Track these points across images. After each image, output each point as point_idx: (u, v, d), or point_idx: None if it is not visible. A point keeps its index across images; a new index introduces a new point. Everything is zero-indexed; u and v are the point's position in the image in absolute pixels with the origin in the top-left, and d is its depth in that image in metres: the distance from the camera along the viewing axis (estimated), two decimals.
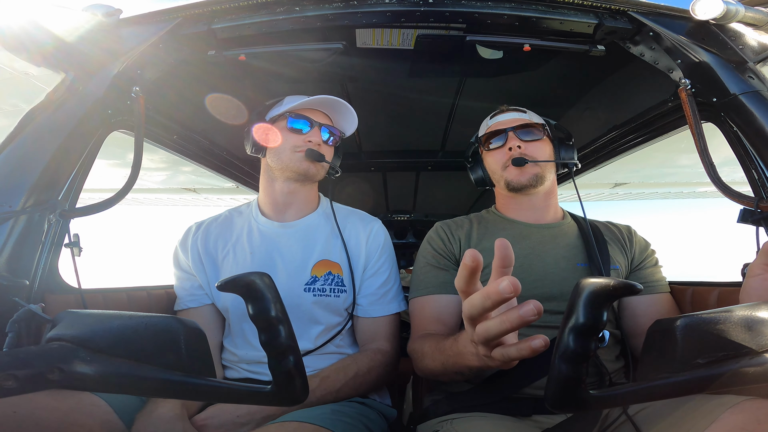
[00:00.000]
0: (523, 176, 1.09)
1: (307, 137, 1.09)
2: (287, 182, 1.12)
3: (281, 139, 1.09)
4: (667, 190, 3.32)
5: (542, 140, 1.12)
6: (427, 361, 0.90)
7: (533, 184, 1.09)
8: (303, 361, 0.46)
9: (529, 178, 1.09)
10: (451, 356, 0.77)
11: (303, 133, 1.09)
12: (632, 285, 0.41)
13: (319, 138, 1.10)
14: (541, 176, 1.10)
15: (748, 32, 0.90)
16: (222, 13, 0.99)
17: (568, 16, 0.97)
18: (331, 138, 1.14)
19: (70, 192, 0.94)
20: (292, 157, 1.08)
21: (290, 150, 1.08)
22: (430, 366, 0.88)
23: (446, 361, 0.80)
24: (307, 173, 1.09)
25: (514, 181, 1.10)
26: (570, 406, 0.43)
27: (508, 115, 1.17)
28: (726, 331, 0.45)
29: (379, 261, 1.14)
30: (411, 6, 0.96)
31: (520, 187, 1.10)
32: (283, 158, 1.09)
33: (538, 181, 1.10)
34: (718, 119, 0.97)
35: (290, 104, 1.10)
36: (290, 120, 1.09)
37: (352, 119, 1.17)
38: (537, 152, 1.10)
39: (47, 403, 0.69)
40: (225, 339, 1.12)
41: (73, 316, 0.46)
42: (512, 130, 1.11)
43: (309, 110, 1.12)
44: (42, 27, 0.87)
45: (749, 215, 0.88)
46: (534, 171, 1.09)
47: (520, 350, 0.50)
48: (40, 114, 0.89)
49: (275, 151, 1.10)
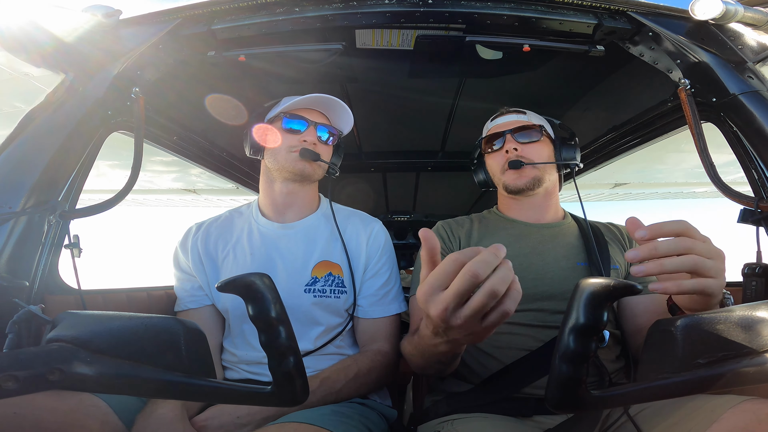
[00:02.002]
0: (520, 180, 1.10)
1: (302, 137, 1.09)
2: (285, 183, 1.12)
3: (277, 140, 1.09)
4: (666, 190, 3.33)
5: (540, 141, 1.12)
6: (411, 358, 0.89)
7: (531, 187, 1.10)
8: (303, 362, 0.46)
9: (526, 182, 1.09)
10: (426, 350, 0.76)
11: (299, 133, 1.09)
12: (632, 285, 0.41)
13: (315, 137, 1.10)
14: (539, 178, 1.10)
15: (747, 32, 0.90)
16: (222, 14, 0.99)
17: (567, 16, 0.97)
18: (331, 138, 1.14)
19: (70, 193, 0.94)
20: (288, 157, 1.08)
21: (286, 150, 1.08)
22: (415, 362, 0.87)
23: (424, 354, 0.78)
24: (303, 173, 1.09)
25: (512, 184, 1.11)
26: (570, 406, 0.43)
27: (506, 117, 1.17)
28: (726, 331, 0.45)
29: (380, 262, 1.14)
30: (410, 6, 0.96)
31: (518, 190, 1.11)
32: (279, 159, 1.09)
33: (536, 183, 1.10)
34: (717, 119, 0.97)
35: (285, 104, 1.10)
36: (285, 120, 1.09)
37: (348, 117, 1.16)
38: (534, 154, 1.10)
39: (47, 403, 0.69)
40: (225, 340, 1.12)
41: (73, 317, 0.46)
42: (510, 132, 1.12)
43: (305, 110, 1.11)
44: (42, 28, 0.87)
45: (749, 215, 0.88)
46: (532, 174, 1.09)
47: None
48: (40, 115, 0.89)
49: (272, 152, 1.10)
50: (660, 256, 0.57)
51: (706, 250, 0.58)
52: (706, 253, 0.58)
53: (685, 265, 0.57)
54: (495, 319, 0.53)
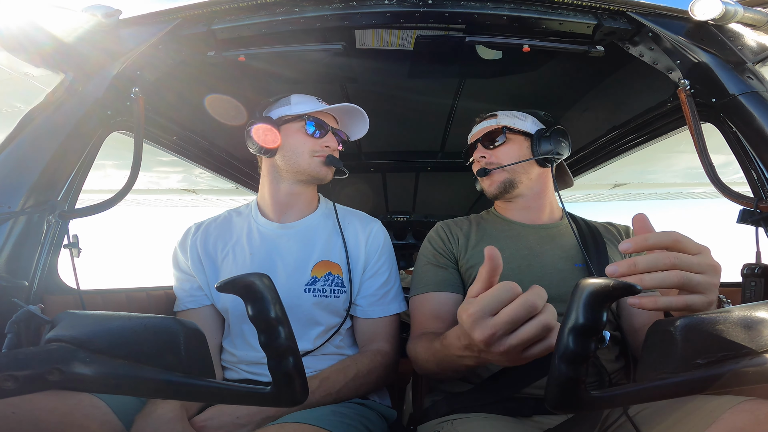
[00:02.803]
0: (492, 185, 1.13)
1: (324, 142, 1.10)
2: (295, 184, 1.12)
3: (297, 142, 1.09)
4: (666, 190, 3.33)
5: (507, 143, 1.12)
6: (422, 362, 0.90)
7: (505, 190, 1.11)
8: (303, 363, 0.46)
9: (497, 186, 1.11)
10: (445, 359, 0.77)
11: (318, 137, 1.10)
12: (631, 285, 0.41)
13: (335, 143, 1.12)
14: (511, 180, 1.11)
15: (747, 33, 0.90)
16: (222, 14, 0.99)
17: (567, 16, 0.97)
18: (340, 143, 1.16)
19: (70, 193, 0.93)
20: (311, 161, 1.09)
21: (309, 154, 1.08)
22: (426, 367, 0.89)
23: (441, 363, 0.80)
24: (324, 178, 1.11)
25: (487, 191, 1.14)
26: (570, 406, 0.43)
27: (479, 126, 1.20)
28: (726, 331, 0.45)
29: (379, 262, 1.14)
30: (410, 7, 0.96)
31: (493, 196, 1.14)
32: (300, 162, 1.09)
33: (509, 186, 1.11)
34: (717, 120, 0.97)
35: (300, 105, 1.10)
36: (309, 124, 1.09)
37: (364, 127, 1.19)
38: (503, 157, 1.11)
39: (46, 403, 0.69)
40: (224, 340, 1.12)
41: (72, 317, 0.46)
42: (479, 141, 1.15)
43: (323, 114, 1.12)
44: (41, 28, 0.87)
45: (749, 216, 0.88)
46: (501, 178, 1.11)
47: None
48: (40, 115, 0.89)
49: (290, 154, 1.09)
50: (640, 272, 0.54)
51: (697, 263, 0.54)
52: (697, 267, 0.54)
53: (668, 282, 0.54)
54: (538, 352, 0.54)
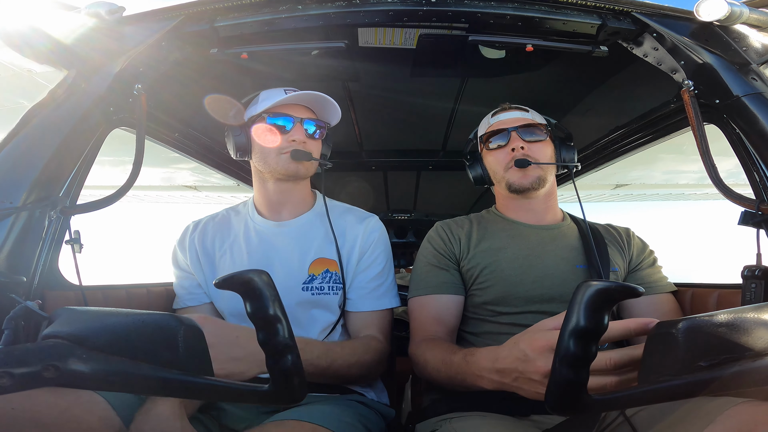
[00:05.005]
0: (525, 179, 1.07)
1: (290, 136, 1.05)
2: (278, 183, 1.10)
3: (263, 141, 1.04)
4: (668, 191, 3.32)
5: (545, 141, 1.10)
6: (430, 370, 0.90)
7: (535, 186, 1.08)
8: (301, 360, 0.46)
9: (531, 181, 1.07)
10: (461, 374, 0.79)
11: (286, 131, 1.05)
12: (633, 288, 0.41)
13: (303, 135, 1.06)
14: (543, 178, 1.09)
15: (752, 34, 0.90)
16: (224, 12, 0.99)
17: (571, 16, 0.97)
18: (318, 131, 1.10)
19: (71, 189, 0.93)
20: (278, 159, 1.05)
21: (275, 153, 1.05)
22: (434, 375, 0.88)
23: (454, 376, 0.81)
24: (297, 174, 1.06)
25: (517, 183, 1.08)
26: (571, 409, 0.43)
27: (510, 113, 1.14)
28: (728, 333, 0.44)
29: (373, 255, 1.12)
30: (413, 5, 0.95)
31: (522, 189, 1.08)
32: (269, 161, 1.06)
33: (540, 183, 1.08)
34: (720, 121, 0.96)
35: (266, 101, 1.06)
36: (269, 119, 1.04)
37: (334, 110, 1.10)
38: (540, 154, 1.08)
39: (45, 399, 0.69)
40: None
41: (69, 314, 0.46)
42: (515, 129, 1.09)
43: (289, 106, 1.07)
44: (44, 25, 0.87)
45: (750, 217, 0.88)
46: (537, 173, 1.08)
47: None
48: (42, 111, 0.89)
49: (261, 154, 1.07)
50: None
51: None
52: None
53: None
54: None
